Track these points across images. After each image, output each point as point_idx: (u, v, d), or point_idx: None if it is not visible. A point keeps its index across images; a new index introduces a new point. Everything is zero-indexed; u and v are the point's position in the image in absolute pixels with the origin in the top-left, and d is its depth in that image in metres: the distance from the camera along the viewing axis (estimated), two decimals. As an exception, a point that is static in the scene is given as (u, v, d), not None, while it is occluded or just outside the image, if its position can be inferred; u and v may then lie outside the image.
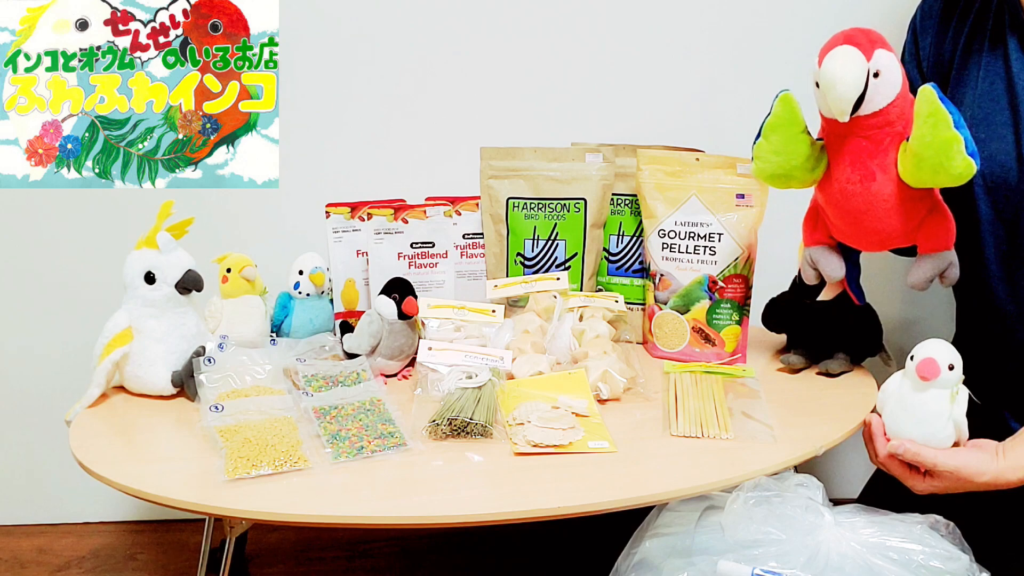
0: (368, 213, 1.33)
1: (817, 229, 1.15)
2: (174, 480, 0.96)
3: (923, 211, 1.06)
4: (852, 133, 1.02)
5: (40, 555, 1.57)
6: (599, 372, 1.14)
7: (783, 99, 1.04)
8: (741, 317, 1.27)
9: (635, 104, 1.53)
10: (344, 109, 1.51)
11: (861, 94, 0.98)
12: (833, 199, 1.07)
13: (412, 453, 1.01)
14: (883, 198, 1.03)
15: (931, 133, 0.96)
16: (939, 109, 0.95)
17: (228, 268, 1.26)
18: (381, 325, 1.21)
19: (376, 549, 1.55)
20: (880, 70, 0.98)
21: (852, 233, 1.09)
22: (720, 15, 1.48)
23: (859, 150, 1.03)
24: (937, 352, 0.97)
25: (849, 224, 1.08)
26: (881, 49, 0.99)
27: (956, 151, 0.95)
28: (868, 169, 1.03)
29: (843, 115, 0.99)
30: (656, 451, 1.03)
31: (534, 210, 1.36)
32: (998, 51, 1.12)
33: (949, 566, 0.88)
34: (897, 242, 1.09)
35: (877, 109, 1.00)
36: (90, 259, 1.53)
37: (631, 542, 0.98)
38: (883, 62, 0.99)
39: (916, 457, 0.98)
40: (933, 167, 0.97)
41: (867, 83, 0.98)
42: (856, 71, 0.97)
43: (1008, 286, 1.14)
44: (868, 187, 1.03)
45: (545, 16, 1.49)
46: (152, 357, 1.14)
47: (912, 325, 1.62)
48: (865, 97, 0.99)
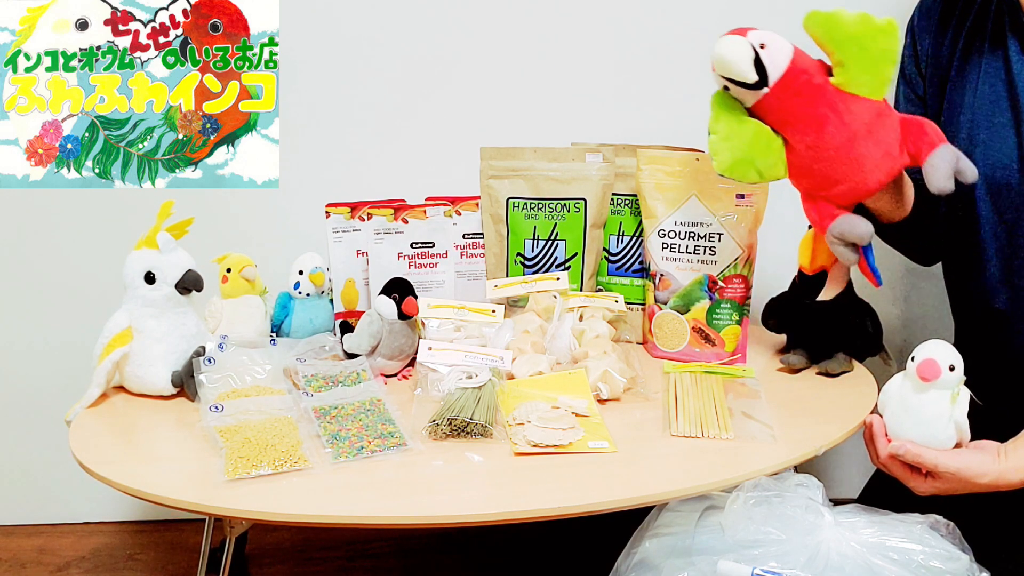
0: (368, 213, 1.33)
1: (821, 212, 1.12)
2: (174, 480, 0.96)
3: (890, 122, 1.06)
4: (782, 101, 1.05)
5: (40, 555, 1.57)
6: (599, 372, 1.14)
7: (715, 95, 1.09)
8: (741, 317, 1.27)
9: (635, 104, 1.53)
10: (344, 109, 1.51)
11: (759, 64, 1.03)
12: (807, 163, 1.07)
13: (412, 453, 1.01)
14: (845, 128, 1.04)
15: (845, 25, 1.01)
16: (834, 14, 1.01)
17: (228, 268, 1.26)
18: (381, 325, 1.21)
19: (376, 549, 1.55)
20: (763, 41, 1.04)
21: (845, 177, 1.07)
22: (720, 15, 1.48)
23: (797, 108, 1.05)
24: (938, 353, 0.97)
25: (836, 171, 1.06)
26: (754, 31, 1.05)
27: (871, 17, 1.01)
28: (816, 116, 1.04)
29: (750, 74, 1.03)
30: (656, 451, 1.03)
31: (534, 210, 1.36)
32: (998, 52, 1.12)
33: (949, 566, 0.88)
34: (890, 162, 1.06)
35: (783, 70, 1.04)
36: (90, 259, 1.53)
37: (631, 542, 0.98)
38: (761, 35, 1.04)
39: (917, 458, 0.98)
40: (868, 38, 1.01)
41: (757, 54, 1.03)
42: (736, 43, 1.04)
43: (1009, 288, 1.14)
44: (825, 130, 1.04)
45: (545, 16, 1.49)
46: (152, 357, 1.14)
47: (912, 325, 1.62)
48: (765, 65, 1.03)
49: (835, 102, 1.04)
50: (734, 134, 1.07)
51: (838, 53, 1.03)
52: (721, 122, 1.08)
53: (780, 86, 1.04)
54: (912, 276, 1.60)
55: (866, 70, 1.03)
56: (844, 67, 1.03)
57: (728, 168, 1.09)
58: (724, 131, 1.07)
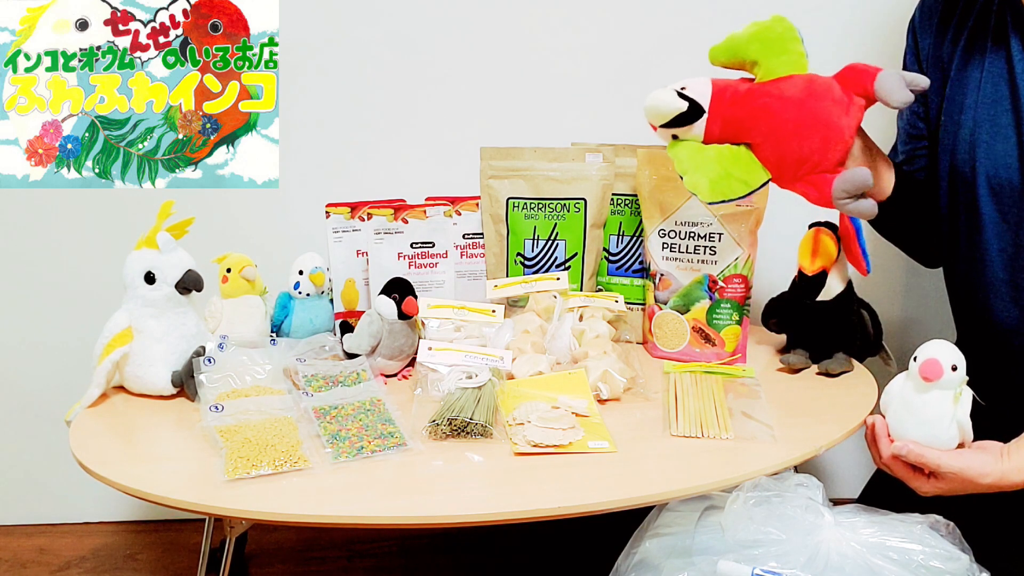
0: (368, 213, 1.33)
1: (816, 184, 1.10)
2: (174, 480, 0.96)
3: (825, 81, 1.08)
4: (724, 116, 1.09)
5: (40, 555, 1.57)
6: (599, 372, 1.14)
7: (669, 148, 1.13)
8: (741, 317, 1.27)
9: (635, 104, 1.52)
10: (344, 109, 1.51)
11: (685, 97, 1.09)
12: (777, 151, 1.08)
13: (412, 453, 1.01)
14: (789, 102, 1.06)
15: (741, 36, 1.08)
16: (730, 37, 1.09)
17: (228, 268, 1.26)
18: (381, 325, 1.21)
19: (376, 549, 1.55)
20: (682, 85, 1.11)
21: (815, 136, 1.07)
22: (720, 15, 1.48)
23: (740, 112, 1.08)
24: (940, 353, 0.97)
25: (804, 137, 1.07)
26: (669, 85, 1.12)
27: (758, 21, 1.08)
28: (759, 107, 1.07)
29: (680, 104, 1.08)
30: (656, 451, 1.03)
31: (534, 210, 1.36)
32: (1000, 52, 1.12)
33: (949, 566, 0.88)
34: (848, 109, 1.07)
35: (710, 93, 1.09)
36: (90, 259, 1.53)
37: (631, 542, 0.98)
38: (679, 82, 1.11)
39: (920, 459, 0.98)
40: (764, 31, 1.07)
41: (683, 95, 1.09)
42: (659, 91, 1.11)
43: (1012, 289, 1.14)
44: (772, 112, 1.06)
45: (545, 16, 1.49)
46: (152, 357, 1.14)
47: (912, 325, 1.62)
48: (692, 97, 1.09)
49: (768, 90, 1.08)
50: (700, 162, 1.10)
51: (747, 59, 1.08)
52: (684, 161, 1.11)
53: (714, 106, 1.09)
54: (913, 276, 1.60)
55: (776, 54, 1.07)
56: (758, 64, 1.08)
57: (712, 192, 1.09)
58: (690, 163, 1.10)
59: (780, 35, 1.07)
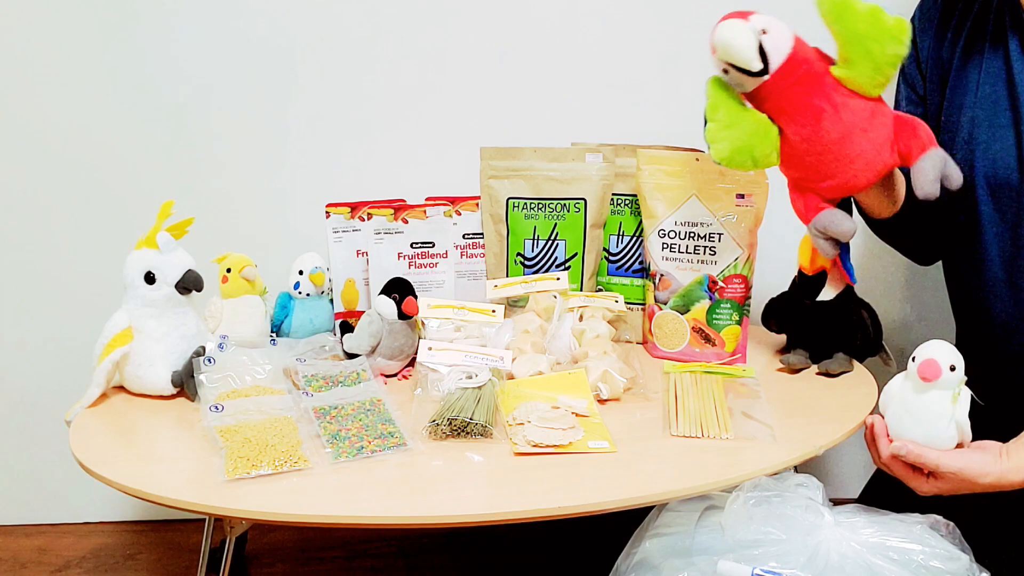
0: (368, 213, 1.33)
1: (808, 202, 1.13)
2: (174, 480, 0.96)
3: (884, 120, 1.06)
4: (781, 89, 1.04)
5: (40, 555, 1.57)
6: (599, 372, 1.14)
7: (712, 81, 1.08)
8: (741, 317, 1.27)
9: (635, 104, 1.53)
10: (344, 109, 1.51)
11: (762, 52, 1.02)
12: (799, 155, 1.07)
13: (412, 453, 1.01)
14: (840, 124, 1.04)
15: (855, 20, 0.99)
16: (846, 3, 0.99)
17: (228, 268, 1.26)
18: (381, 325, 1.21)
19: (376, 549, 1.55)
20: (764, 27, 1.03)
21: (836, 173, 1.07)
22: (720, 15, 1.48)
23: (796, 98, 1.04)
24: (938, 353, 0.97)
25: (827, 166, 1.06)
26: (756, 15, 1.04)
27: (882, 14, 0.99)
28: (813, 108, 1.04)
29: (754, 62, 1.02)
30: (656, 451, 1.03)
31: (534, 210, 1.36)
32: (998, 52, 1.12)
33: (949, 566, 0.88)
34: (881, 161, 1.06)
35: (785, 57, 1.03)
36: (90, 259, 1.53)
37: (631, 542, 0.98)
38: (763, 20, 1.03)
39: (919, 459, 0.98)
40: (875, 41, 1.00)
41: (760, 42, 1.02)
42: (740, 28, 1.02)
43: (1010, 289, 1.14)
44: (821, 123, 1.04)
45: (545, 16, 1.49)
46: (152, 357, 1.14)
47: (912, 325, 1.62)
48: (767, 52, 1.02)
49: (833, 95, 1.04)
50: (734, 123, 1.07)
51: (844, 48, 1.02)
52: (720, 111, 1.07)
53: (780, 74, 1.04)
54: (912, 276, 1.60)
55: (869, 72, 1.02)
56: (848, 63, 1.03)
57: (727, 158, 1.08)
58: (724, 119, 1.07)
59: (886, 56, 1.01)
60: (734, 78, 1.06)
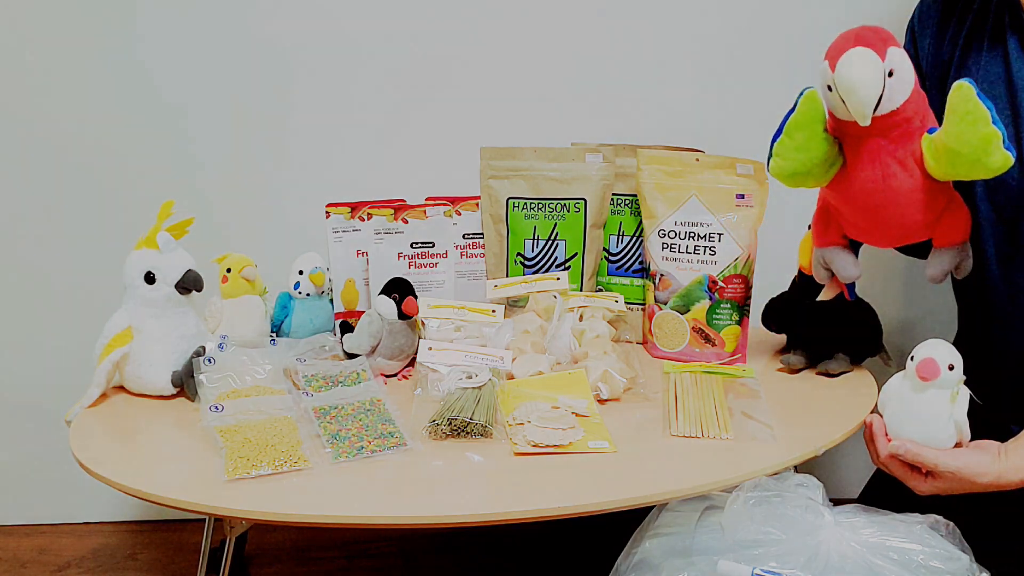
0: (368, 213, 1.33)
1: (829, 230, 1.14)
2: (174, 480, 0.96)
3: (943, 203, 1.06)
4: (870, 133, 1.01)
5: (40, 555, 1.57)
6: (599, 372, 1.14)
7: (809, 97, 1.02)
8: (741, 317, 1.27)
9: (635, 104, 1.53)
10: (344, 109, 1.51)
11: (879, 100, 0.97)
12: (852, 197, 1.06)
13: (412, 453, 1.01)
14: (904, 193, 1.03)
15: (970, 130, 0.95)
16: (978, 106, 0.94)
17: (228, 268, 1.26)
18: (381, 325, 1.21)
19: (376, 549, 1.55)
20: (894, 68, 0.97)
21: (871, 229, 1.08)
22: (720, 15, 1.48)
23: (878, 148, 1.02)
24: (937, 352, 0.97)
25: (869, 220, 1.07)
26: (893, 47, 0.98)
27: (995, 147, 0.95)
28: (889, 166, 1.02)
29: (864, 119, 0.97)
30: (656, 451, 1.03)
31: (534, 210, 1.36)
32: (998, 51, 1.12)
33: (949, 566, 0.88)
34: (916, 236, 1.08)
35: (895, 108, 0.99)
36: (90, 259, 1.53)
37: (631, 542, 0.98)
38: (896, 60, 0.98)
39: (917, 458, 0.98)
40: (970, 162, 0.96)
41: (884, 84, 0.97)
42: (874, 73, 0.96)
43: (1008, 287, 1.14)
44: (889, 184, 1.02)
45: (545, 16, 1.49)
46: (152, 357, 1.14)
47: (912, 325, 1.62)
48: (883, 97, 0.98)
49: (910, 162, 1.01)
50: (808, 148, 1.03)
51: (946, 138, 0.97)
52: (801, 133, 1.02)
53: (878, 121, 0.99)
54: (912, 276, 1.60)
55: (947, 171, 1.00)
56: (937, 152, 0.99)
57: (785, 176, 1.06)
58: (800, 142, 1.03)
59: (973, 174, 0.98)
60: (835, 104, 1.01)
